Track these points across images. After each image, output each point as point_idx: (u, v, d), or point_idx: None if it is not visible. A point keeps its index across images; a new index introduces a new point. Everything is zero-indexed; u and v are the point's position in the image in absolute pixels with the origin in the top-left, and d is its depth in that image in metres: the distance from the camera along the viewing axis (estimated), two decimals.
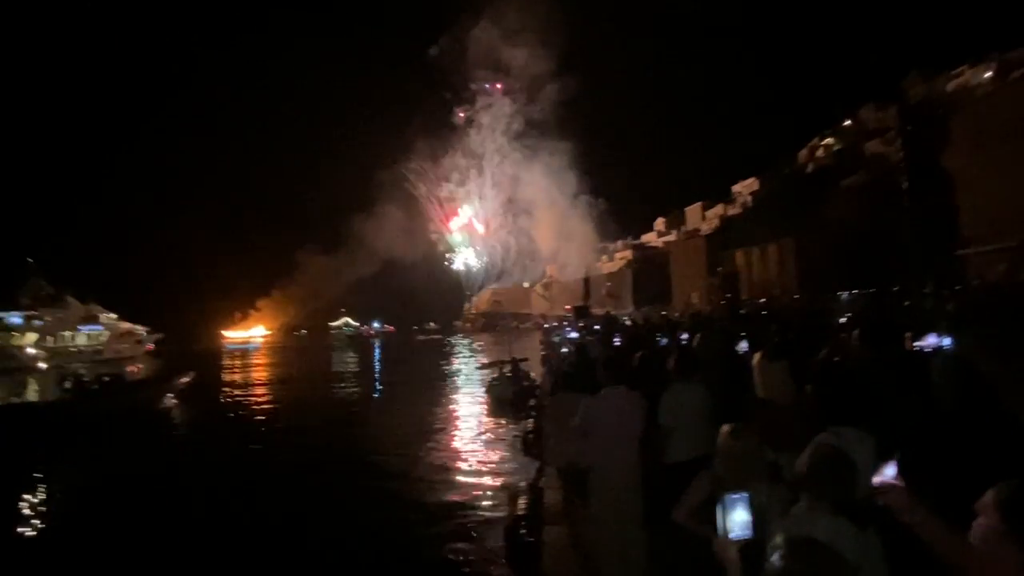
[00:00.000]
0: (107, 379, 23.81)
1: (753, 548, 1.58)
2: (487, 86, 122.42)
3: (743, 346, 6.02)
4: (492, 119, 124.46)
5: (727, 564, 1.57)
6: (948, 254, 28.45)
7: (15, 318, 54.51)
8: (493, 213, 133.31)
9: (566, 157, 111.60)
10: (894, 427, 2.27)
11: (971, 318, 5.88)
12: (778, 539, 1.49)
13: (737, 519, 1.58)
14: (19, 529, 10.95)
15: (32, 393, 31.91)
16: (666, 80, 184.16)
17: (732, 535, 1.58)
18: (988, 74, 45.53)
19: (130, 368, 42.72)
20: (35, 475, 14.34)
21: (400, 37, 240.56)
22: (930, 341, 4.14)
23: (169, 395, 26.44)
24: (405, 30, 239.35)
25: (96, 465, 15.78)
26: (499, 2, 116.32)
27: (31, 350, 52.18)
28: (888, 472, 1.82)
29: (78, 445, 17.61)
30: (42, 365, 47.66)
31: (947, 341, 3.82)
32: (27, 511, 12.04)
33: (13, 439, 17.11)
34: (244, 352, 77.83)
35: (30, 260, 58.50)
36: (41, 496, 13.17)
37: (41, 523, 11.41)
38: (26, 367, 47.10)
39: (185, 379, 27.83)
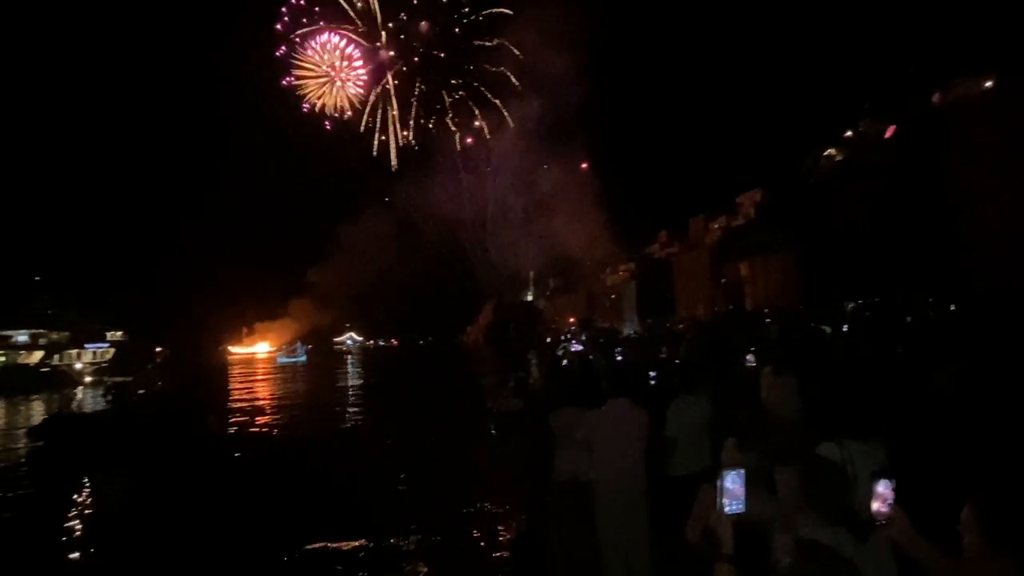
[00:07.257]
0: (142, 392, 26.31)
1: (745, 524, 1.65)
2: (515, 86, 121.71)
3: (750, 359, 6.01)
4: (514, 122, 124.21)
5: (721, 536, 1.62)
6: (950, 263, 28.38)
7: (21, 336, 54.93)
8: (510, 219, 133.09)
9: (578, 159, 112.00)
10: (896, 439, 2.28)
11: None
12: (789, 541, 1.53)
13: (734, 493, 1.63)
14: (73, 525, 11.72)
15: (79, 405, 34.41)
16: (667, 92, 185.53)
17: (728, 509, 1.63)
18: (988, 84, 45.75)
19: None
20: (88, 477, 15.54)
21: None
22: None
23: (198, 406, 28.64)
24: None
25: (142, 467, 17.07)
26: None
27: (78, 365, 56.75)
28: (883, 491, 1.78)
29: (123, 451, 19.11)
30: (88, 379, 52.69)
31: None
32: (81, 510, 12.84)
33: (69, 444, 19.28)
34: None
35: (36, 278, 59.19)
36: (91, 497, 13.99)
37: (95, 521, 12.12)
38: (75, 382, 51.74)
39: (208, 390, 31.53)
